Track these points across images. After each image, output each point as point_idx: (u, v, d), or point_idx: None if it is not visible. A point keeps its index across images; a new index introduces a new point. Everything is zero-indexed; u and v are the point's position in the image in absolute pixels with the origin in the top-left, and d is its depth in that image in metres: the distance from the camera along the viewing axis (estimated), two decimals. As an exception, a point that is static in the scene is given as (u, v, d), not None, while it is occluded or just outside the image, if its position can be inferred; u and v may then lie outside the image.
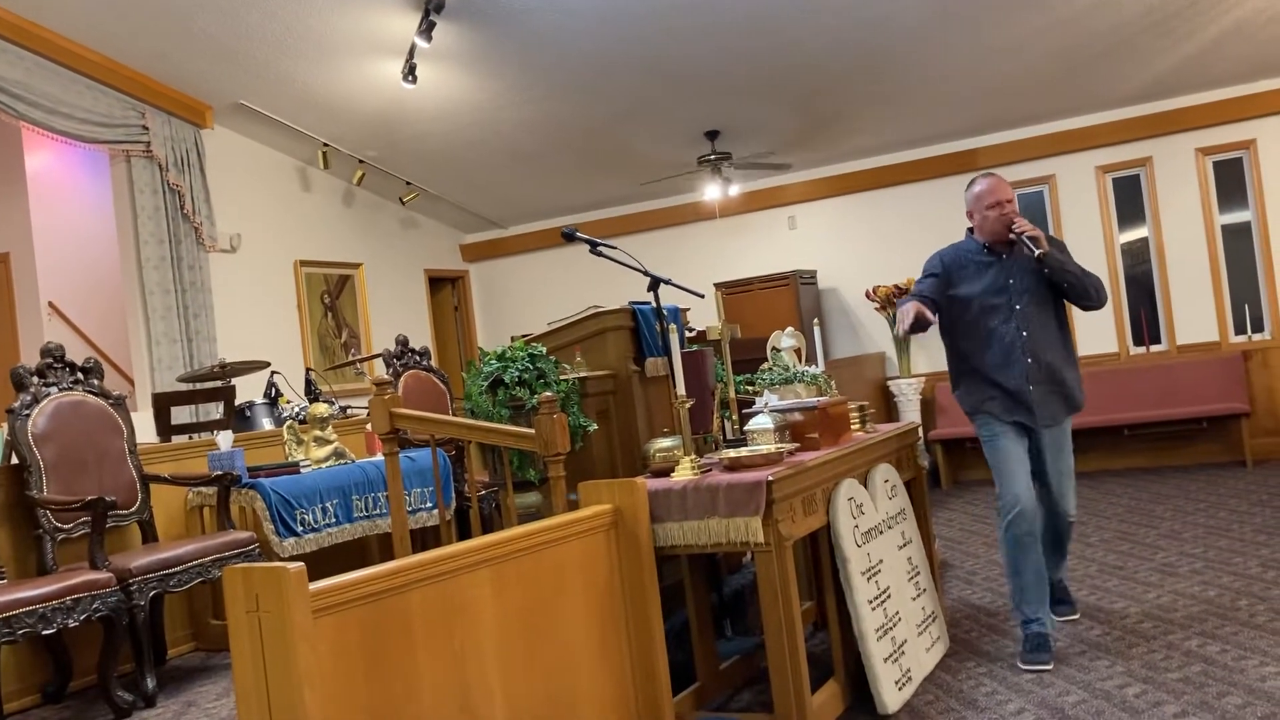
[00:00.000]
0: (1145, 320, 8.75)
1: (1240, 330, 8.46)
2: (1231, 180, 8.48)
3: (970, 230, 4.31)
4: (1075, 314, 8.86)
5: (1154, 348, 8.70)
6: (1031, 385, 4.12)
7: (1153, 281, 8.72)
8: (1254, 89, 8.24)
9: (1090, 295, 4.15)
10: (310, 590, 2.22)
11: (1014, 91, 8.24)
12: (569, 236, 4.01)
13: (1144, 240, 8.75)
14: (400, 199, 9.65)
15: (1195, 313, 8.55)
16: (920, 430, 7.79)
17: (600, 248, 3.97)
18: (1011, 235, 4.10)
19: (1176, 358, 8.48)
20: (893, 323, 9.16)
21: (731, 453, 3.55)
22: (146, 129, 7.51)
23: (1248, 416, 7.99)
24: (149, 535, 5.16)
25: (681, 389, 3.56)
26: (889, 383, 9.15)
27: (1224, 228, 8.52)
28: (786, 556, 3.30)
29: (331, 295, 9.16)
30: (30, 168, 8.48)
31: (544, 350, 4.00)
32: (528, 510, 3.92)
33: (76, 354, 5.40)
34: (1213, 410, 8.00)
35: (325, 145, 8.56)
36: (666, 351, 3.90)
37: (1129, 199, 8.80)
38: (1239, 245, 8.49)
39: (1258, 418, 8.22)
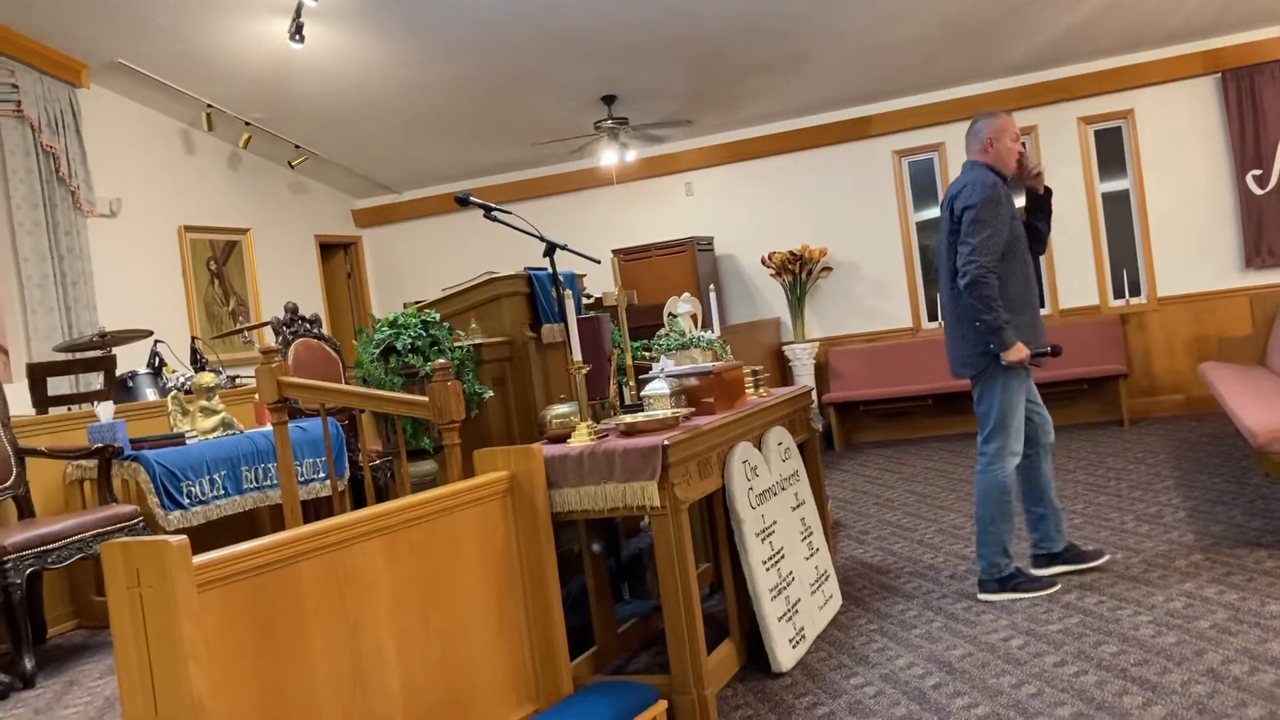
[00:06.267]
0: (1030, 285, 9.00)
1: (1119, 294, 8.77)
2: (1111, 149, 8.75)
3: (975, 163, 4.32)
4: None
5: (1038, 312, 8.95)
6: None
7: (1037, 247, 8.96)
8: (1133, 59, 8.49)
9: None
10: (195, 563, 2.16)
11: (905, 59, 8.36)
12: (463, 201, 3.95)
13: (1029, 207, 8.99)
14: (289, 162, 9.38)
15: (1077, 278, 8.83)
16: (814, 394, 7.94)
17: (495, 213, 3.92)
18: (1030, 172, 4.35)
19: (1060, 321, 8.75)
20: (789, 289, 9.27)
21: (628, 418, 3.56)
22: (16, 88, 7.15)
23: (1125, 377, 8.30)
24: (25, 511, 4.97)
25: (578, 355, 3.55)
26: (784, 348, 9.26)
27: (1104, 195, 8.80)
28: (682, 520, 3.32)
29: (218, 261, 8.90)
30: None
31: (438, 317, 3.94)
32: (423, 479, 3.88)
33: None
34: (1093, 372, 8.29)
35: (209, 107, 8.26)
36: (563, 317, 3.88)
37: (1015, 167, 9.01)
38: (1118, 212, 8.78)
39: (1134, 379, 8.55)
